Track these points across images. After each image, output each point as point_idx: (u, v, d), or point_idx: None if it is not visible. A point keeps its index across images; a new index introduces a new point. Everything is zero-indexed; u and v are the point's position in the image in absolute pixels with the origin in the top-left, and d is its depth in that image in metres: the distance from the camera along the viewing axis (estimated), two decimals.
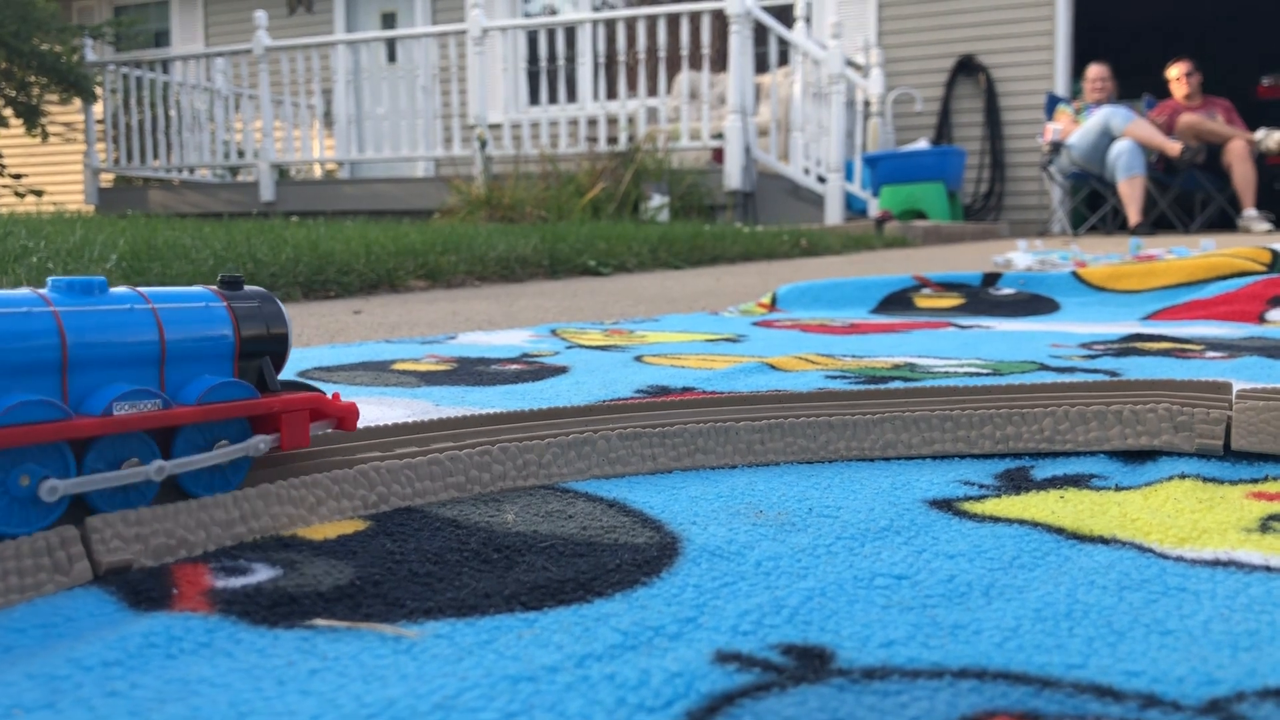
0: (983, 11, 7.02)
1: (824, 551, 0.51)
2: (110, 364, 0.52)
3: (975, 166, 7.05)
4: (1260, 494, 0.61)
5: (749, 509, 0.59)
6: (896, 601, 0.44)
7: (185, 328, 0.55)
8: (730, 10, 5.47)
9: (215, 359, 0.56)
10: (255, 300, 0.59)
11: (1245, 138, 5.53)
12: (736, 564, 0.49)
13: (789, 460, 0.69)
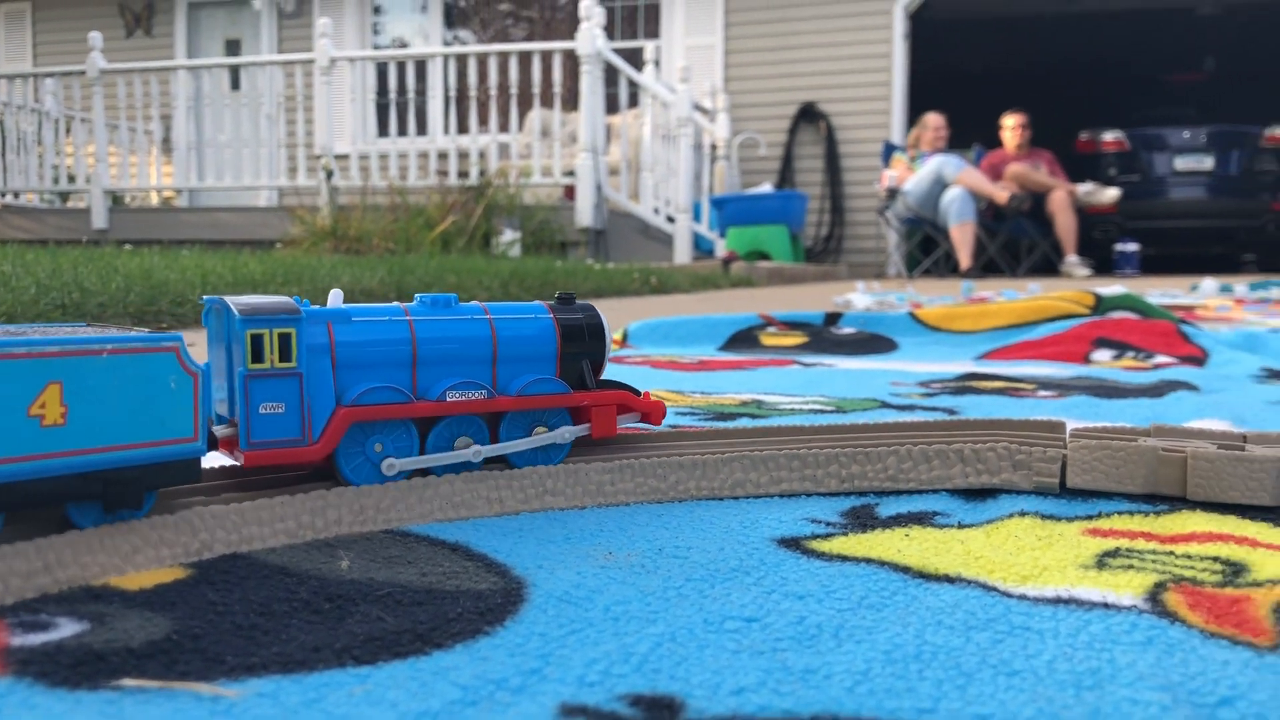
0: (823, 61, 7.26)
1: (674, 594, 0.50)
2: (451, 362, 0.67)
3: (816, 210, 7.26)
4: (1095, 530, 0.62)
5: (598, 551, 0.57)
6: (747, 645, 0.43)
7: (515, 334, 0.69)
8: (581, 51, 5.51)
9: (540, 360, 0.70)
10: (579, 313, 0.72)
11: (1067, 189, 5.85)
12: (584, 610, 0.47)
13: (639, 500, 0.68)
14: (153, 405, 0.54)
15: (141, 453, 0.54)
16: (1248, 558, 0.56)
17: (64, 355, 0.51)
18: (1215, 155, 6.84)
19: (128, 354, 0.53)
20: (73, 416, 0.51)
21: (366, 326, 0.65)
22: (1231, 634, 0.44)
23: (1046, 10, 8.44)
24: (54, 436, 0.50)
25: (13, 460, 0.49)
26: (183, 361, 0.55)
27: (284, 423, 0.61)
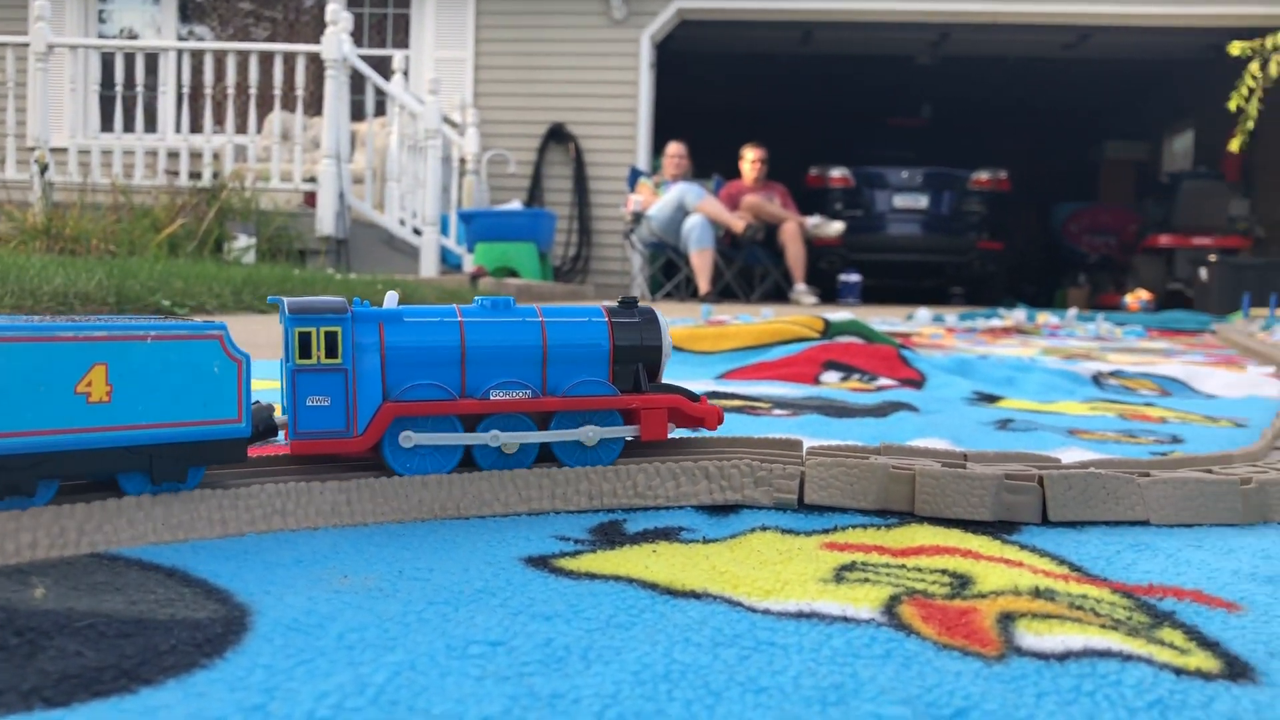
0: (572, 84, 7.34)
1: (415, 619, 0.47)
2: (501, 362, 0.70)
3: (565, 230, 7.32)
4: (832, 544, 0.64)
5: (332, 575, 0.53)
6: (492, 671, 0.41)
7: (566, 337, 0.71)
8: (327, 55, 5.33)
9: (592, 363, 0.72)
10: (636, 317, 0.74)
11: (798, 221, 6.15)
12: (315, 638, 0.44)
13: (380, 521, 0.64)
14: (196, 388, 0.60)
15: (185, 431, 0.60)
16: (972, 570, 0.59)
17: (110, 340, 0.57)
18: (929, 195, 7.39)
19: (172, 340, 0.59)
20: (118, 395, 0.57)
21: (417, 327, 0.69)
22: (962, 645, 0.46)
23: (782, 50, 8.89)
24: (100, 412, 0.57)
25: (60, 431, 0.55)
26: (226, 349, 0.61)
27: (329, 415, 0.66)
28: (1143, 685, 0.42)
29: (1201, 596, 0.56)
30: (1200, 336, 3.75)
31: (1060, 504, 0.71)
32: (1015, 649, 0.46)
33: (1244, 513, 0.74)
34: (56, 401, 0.55)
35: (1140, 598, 0.55)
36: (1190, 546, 0.67)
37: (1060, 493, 0.71)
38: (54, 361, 0.55)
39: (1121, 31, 7.58)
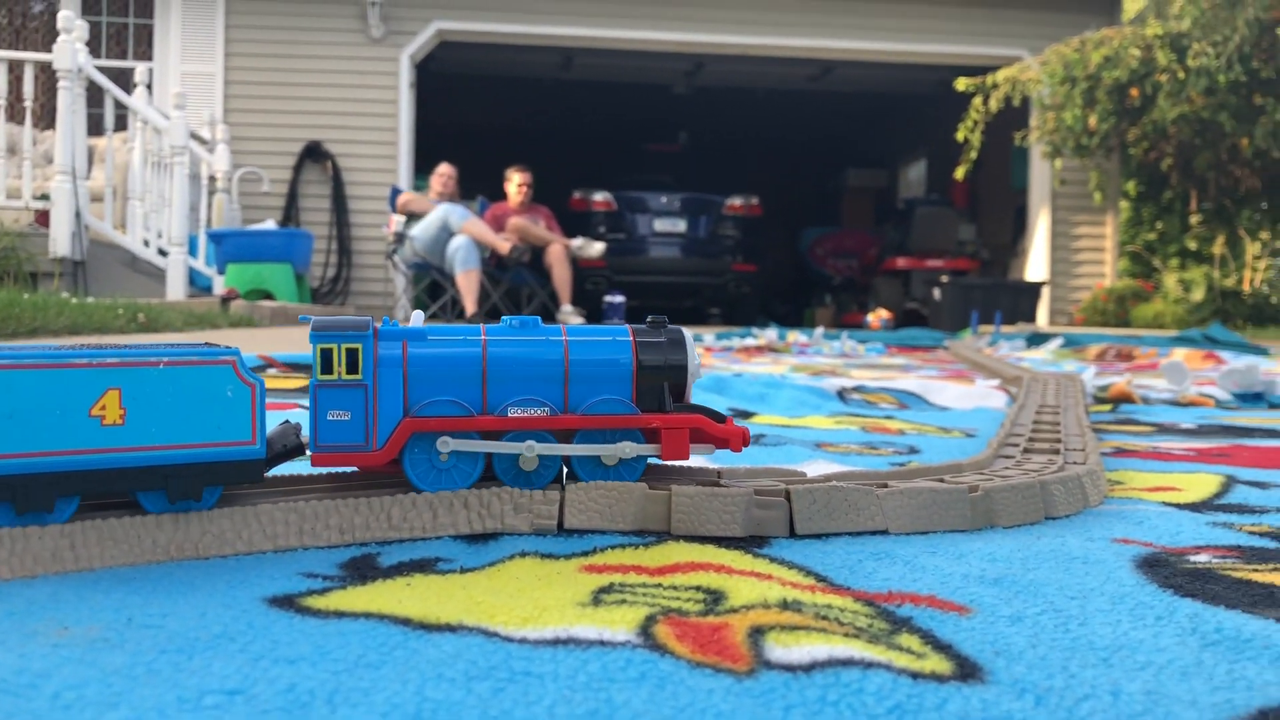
0: (329, 102, 7.15)
1: (143, 671, 0.43)
2: (522, 380, 0.71)
3: (323, 251, 7.10)
4: (591, 566, 0.64)
5: (50, 627, 0.49)
6: None
7: (588, 356, 0.72)
8: (60, 65, 4.97)
9: (615, 382, 0.73)
10: (662, 337, 0.75)
11: (563, 242, 6.20)
12: (27, 699, 0.40)
13: (109, 566, 0.60)
14: (209, 411, 0.63)
15: (199, 452, 0.63)
16: (724, 585, 0.60)
17: (122, 366, 0.61)
18: (687, 220, 7.61)
19: (184, 366, 0.62)
20: (131, 418, 0.61)
21: (440, 345, 0.71)
22: (715, 662, 0.47)
23: (544, 74, 8.96)
24: (114, 434, 0.61)
25: (75, 452, 0.60)
26: (240, 374, 0.64)
27: (349, 429, 0.68)
28: (883, 691, 0.44)
29: (936, 601, 0.59)
30: (934, 352, 4.02)
31: (806, 517, 0.74)
32: (765, 663, 0.47)
33: (973, 519, 0.79)
34: (72, 424, 0.60)
35: (880, 605, 0.58)
36: (926, 553, 0.71)
37: (805, 506, 0.74)
38: (69, 387, 0.60)
39: (861, 66, 8.05)
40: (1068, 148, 6.78)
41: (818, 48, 7.48)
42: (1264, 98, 6.01)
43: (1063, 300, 7.49)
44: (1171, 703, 0.44)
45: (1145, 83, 6.30)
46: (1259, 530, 0.82)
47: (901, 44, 7.40)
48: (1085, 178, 7.20)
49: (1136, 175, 8.15)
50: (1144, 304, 6.83)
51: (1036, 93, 6.74)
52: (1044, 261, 7.49)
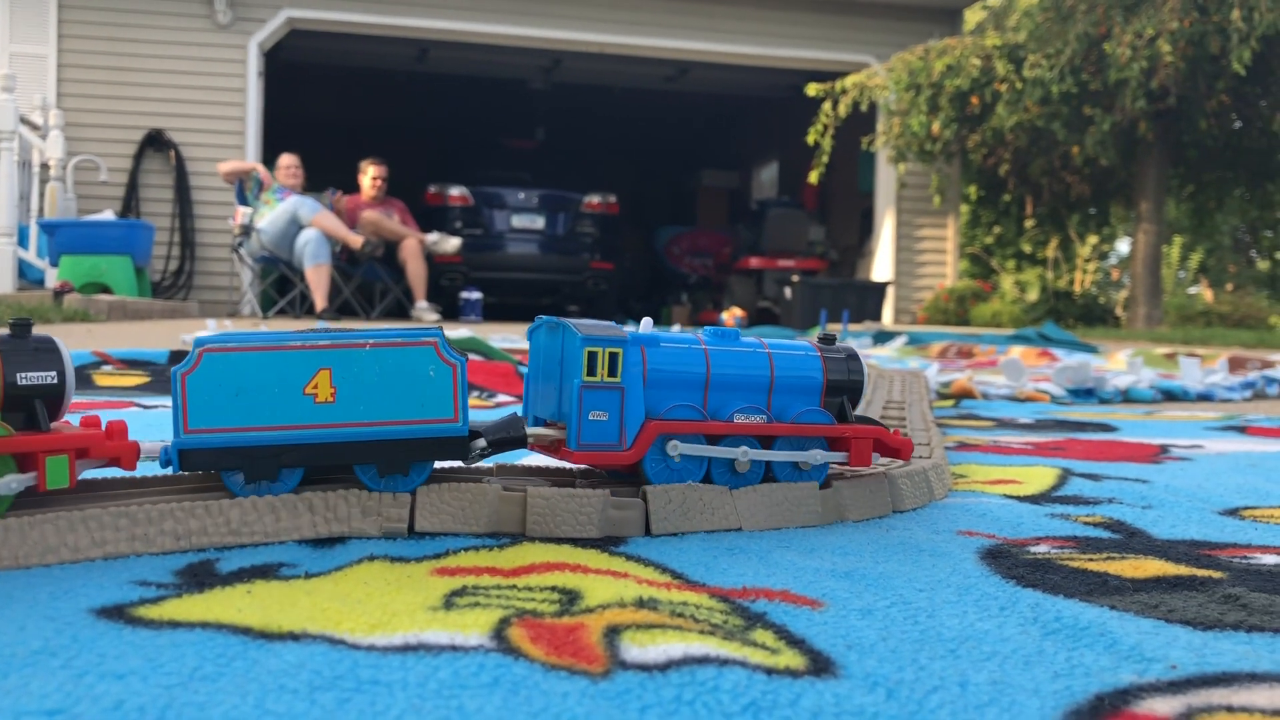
0: (172, 89, 6.86)
1: None
2: (736, 387, 0.79)
3: (165, 243, 6.81)
4: (444, 569, 0.62)
5: None
6: None
7: (789, 368, 0.80)
8: None
9: (807, 393, 0.81)
10: (841, 354, 0.83)
11: (418, 237, 6.10)
12: None
13: None
14: (413, 390, 0.68)
15: (405, 429, 0.68)
16: (581, 584, 0.60)
17: (332, 348, 0.66)
18: (545, 216, 7.57)
19: (389, 347, 0.68)
20: (341, 396, 0.67)
21: (672, 352, 0.77)
22: (570, 664, 0.46)
23: (399, 67, 8.78)
24: (326, 411, 0.67)
25: (293, 427, 0.66)
26: (441, 354, 0.69)
27: (607, 429, 0.74)
28: (738, 689, 0.44)
29: (789, 596, 0.59)
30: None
31: (662, 517, 0.73)
32: (621, 663, 0.46)
33: (823, 514, 0.80)
34: (289, 401, 0.66)
35: (735, 600, 0.58)
36: (779, 548, 0.71)
37: (661, 506, 0.74)
38: (286, 367, 0.66)
39: (716, 68, 8.16)
40: (912, 152, 7.01)
41: (673, 49, 7.54)
42: (1093, 109, 6.33)
43: (906, 299, 7.74)
44: (1016, 692, 0.45)
45: (985, 91, 6.56)
46: (1093, 521, 0.86)
47: (755, 47, 7.53)
48: (928, 182, 7.45)
49: (976, 180, 8.49)
50: (983, 303, 7.12)
51: (883, 99, 6.95)
52: (889, 262, 7.72)
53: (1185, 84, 5.99)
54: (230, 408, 0.65)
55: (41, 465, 0.61)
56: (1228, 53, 5.71)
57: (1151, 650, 0.51)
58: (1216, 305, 7.41)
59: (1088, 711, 0.43)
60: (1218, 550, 0.76)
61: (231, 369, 0.65)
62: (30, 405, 0.63)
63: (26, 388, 0.63)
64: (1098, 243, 10.93)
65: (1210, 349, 4.35)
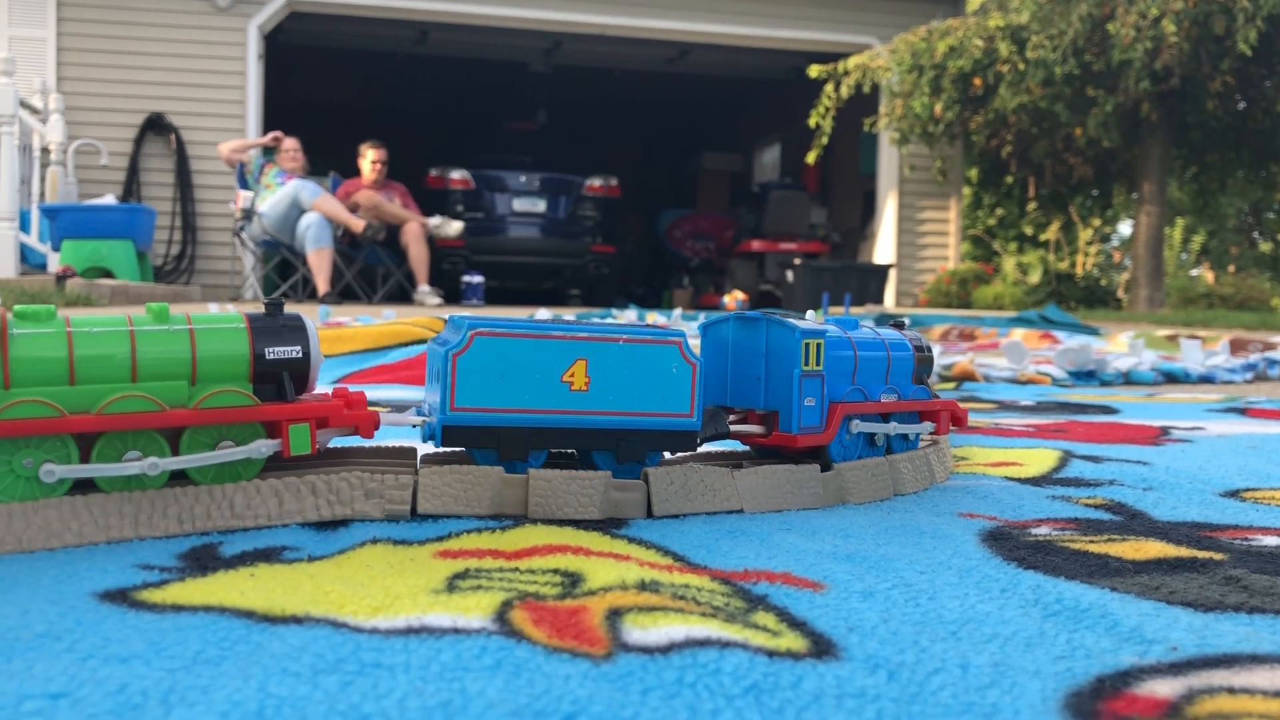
0: (173, 72, 6.84)
1: None
2: (872, 372, 0.88)
3: (167, 227, 6.81)
4: (446, 552, 0.62)
5: None
6: None
7: (897, 355, 0.90)
8: None
9: (905, 375, 0.91)
10: (921, 340, 0.93)
11: (419, 221, 6.09)
12: None
13: None
14: (656, 384, 0.74)
15: (646, 420, 0.74)
16: (583, 567, 0.60)
17: (590, 340, 0.72)
18: (547, 200, 7.55)
19: (638, 343, 0.73)
20: (594, 385, 0.72)
21: (837, 342, 0.85)
22: (572, 647, 0.46)
23: (399, 49, 8.76)
24: (579, 398, 0.72)
25: (548, 411, 0.71)
26: (684, 353, 0.74)
27: (815, 413, 0.81)
28: (739, 671, 0.44)
29: (790, 578, 0.60)
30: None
31: (663, 499, 0.74)
32: (623, 645, 0.47)
33: (825, 496, 0.80)
34: (547, 387, 0.71)
35: (737, 583, 0.58)
36: (780, 530, 0.71)
37: (663, 488, 0.74)
38: (548, 355, 0.71)
39: (717, 50, 8.13)
40: (915, 134, 6.99)
41: (675, 30, 7.52)
42: (1096, 90, 6.31)
43: (909, 282, 7.73)
44: (1017, 674, 0.45)
45: (988, 73, 6.54)
46: (1094, 503, 0.86)
47: (756, 28, 7.50)
48: (931, 164, 7.43)
49: (978, 162, 8.47)
50: (985, 286, 7.11)
51: (886, 80, 6.92)
52: (891, 245, 7.71)
53: (1189, 64, 5.96)
54: (493, 389, 0.70)
55: (285, 433, 0.67)
56: (1232, 33, 5.68)
57: (1152, 632, 0.51)
58: (1218, 287, 7.40)
59: (1089, 693, 0.43)
60: (1219, 532, 0.76)
61: (498, 352, 0.70)
62: (278, 377, 0.69)
63: (274, 361, 0.69)
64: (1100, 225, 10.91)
65: (1212, 331, 4.35)
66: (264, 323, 0.70)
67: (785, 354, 0.80)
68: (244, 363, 0.68)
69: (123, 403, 0.63)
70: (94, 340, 0.64)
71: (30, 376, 0.62)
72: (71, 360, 0.63)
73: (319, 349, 0.71)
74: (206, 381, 0.67)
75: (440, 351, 0.70)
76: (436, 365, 0.71)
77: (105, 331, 0.65)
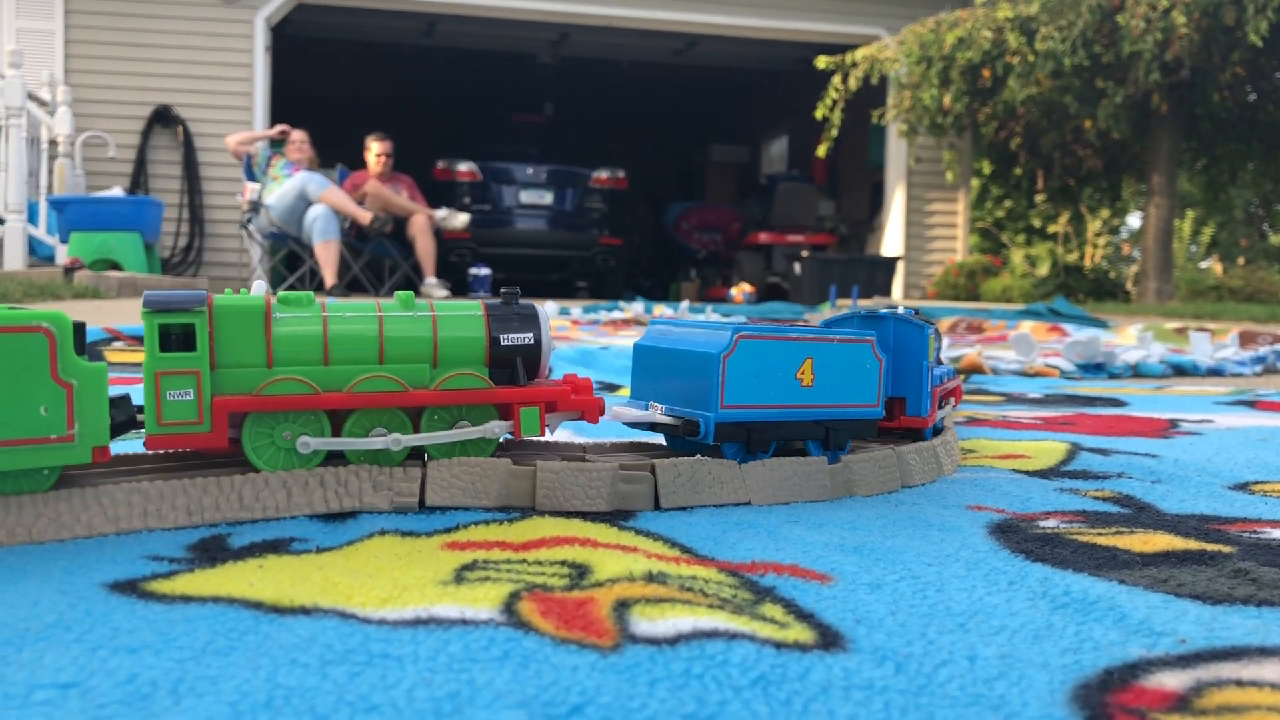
0: (180, 64, 6.84)
1: None
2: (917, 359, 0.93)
3: (174, 219, 6.81)
4: (454, 543, 0.62)
5: None
6: (63, 719, 0.36)
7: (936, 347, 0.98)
8: None
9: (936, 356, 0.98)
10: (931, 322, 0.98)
11: (426, 213, 6.09)
12: None
13: None
14: (855, 379, 0.83)
15: (846, 411, 0.83)
16: (590, 558, 0.60)
17: (815, 341, 0.81)
18: (554, 192, 7.55)
19: (846, 343, 0.82)
20: (817, 382, 0.81)
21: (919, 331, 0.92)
22: (579, 638, 0.46)
23: (406, 40, 8.75)
24: (806, 393, 0.81)
25: (784, 406, 0.80)
26: (875, 351, 0.84)
27: (929, 398, 0.92)
28: (747, 663, 0.44)
29: (798, 570, 0.60)
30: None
31: (671, 491, 0.74)
32: (630, 637, 0.47)
33: (832, 489, 0.80)
34: (785, 385, 0.79)
35: (744, 575, 0.58)
36: (788, 523, 0.71)
37: (670, 480, 0.74)
38: (788, 355, 0.79)
39: (725, 41, 8.11)
40: (923, 126, 6.97)
41: (682, 21, 7.50)
42: (1105, 81, 6.28)
43: (917, 275, 7.71)
44: (1025, 666, 0.45)
45: (996, 64, 6.51)
46: (1102, 495, 0.86)
47: (764, 20, 7.48)
48: (939, 156, 7.41)
49: (987, 154, 8.44)
50: (993, 278, 7.10)
51: (894, 72, 6.90)
52: (899, 237, 7.70)
53: (1199, 56, 5.94)
54: (749, 387, 0.77)
55: (516, 415, 0.72)
56: (1243, 24, 5.65)
57: (1160, 624, 0.51)
58: (1228, 280, 7.37)
59: (1097, 685, 0.43)
60: (1227, 525, 0.76)
61: (755, 354, 0.78)
62: (511, 362, 0.74)
63: (508, 347, 0.74)
64: (1109, 217, 10.87)
65: (1221, 324, 4.34)
66: (500, 310, 0.75)
67: (913, 347, 0.91)
68: (480, 348, 0.73)
69: (371, 383, 0.69)
70: (346, 324, 0.70)
71: (290, 356, 0.68)
72: (326, 342, 0.69)
73: (550, 336, 0.76)
74: (446, 365, 0.73)
75: (711, 354, 0.76)
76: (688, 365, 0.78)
77: (356, 316, 0.71)
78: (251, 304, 0.67)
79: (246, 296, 0.69)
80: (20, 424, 0.59)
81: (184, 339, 0.64)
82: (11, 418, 0.58)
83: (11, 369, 0.58)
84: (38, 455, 0.59)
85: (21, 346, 0.58)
